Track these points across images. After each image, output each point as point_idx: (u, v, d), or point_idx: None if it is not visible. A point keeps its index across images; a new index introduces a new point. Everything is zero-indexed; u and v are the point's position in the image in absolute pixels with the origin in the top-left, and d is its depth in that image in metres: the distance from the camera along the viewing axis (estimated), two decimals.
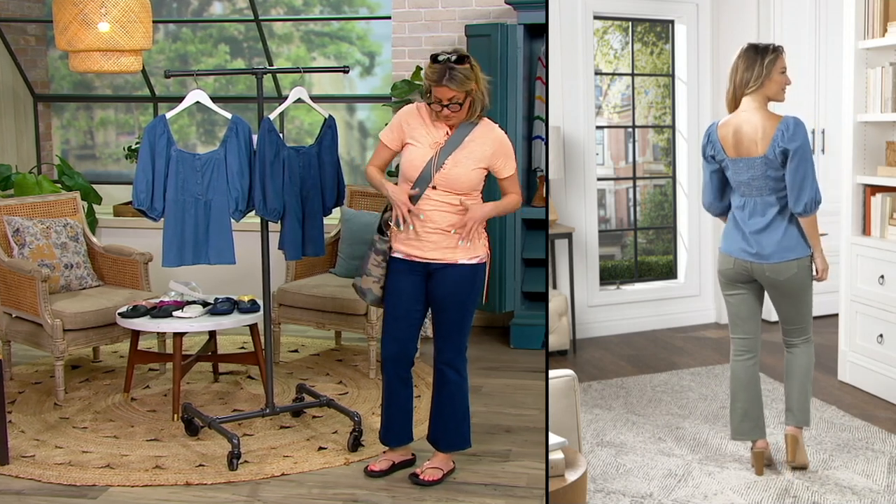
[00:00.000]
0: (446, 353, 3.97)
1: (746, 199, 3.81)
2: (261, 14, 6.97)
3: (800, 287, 3.81)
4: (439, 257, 3.87)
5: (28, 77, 7.44)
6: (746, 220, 3.81)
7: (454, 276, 3.87)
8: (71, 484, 4.06)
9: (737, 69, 3.76)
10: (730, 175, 3.84)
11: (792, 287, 3.80)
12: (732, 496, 3.77)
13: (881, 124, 4.61)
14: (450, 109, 3.75)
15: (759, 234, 3.79)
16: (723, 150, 3.80)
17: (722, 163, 3.84)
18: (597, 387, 4.90)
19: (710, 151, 3.86)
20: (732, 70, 3.78)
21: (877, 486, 3.80)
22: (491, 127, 3.88)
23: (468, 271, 3.88)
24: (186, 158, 4.25)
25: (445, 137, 3.84)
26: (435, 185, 3.82)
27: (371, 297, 4.02)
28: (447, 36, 6.36)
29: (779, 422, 4.24)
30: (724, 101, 3.85)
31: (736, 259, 3.85)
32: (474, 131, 3.84)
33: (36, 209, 5.55)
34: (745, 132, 3.75)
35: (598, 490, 3.82)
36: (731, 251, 3.86)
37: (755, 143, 3.74)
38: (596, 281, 5.70)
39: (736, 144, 3.77)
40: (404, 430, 4.12)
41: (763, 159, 3.72)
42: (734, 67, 3.77)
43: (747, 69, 3.73)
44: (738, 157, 3.78)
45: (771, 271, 3.79)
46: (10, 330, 5.28)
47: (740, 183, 3.81)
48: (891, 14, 4.47)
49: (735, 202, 3.87)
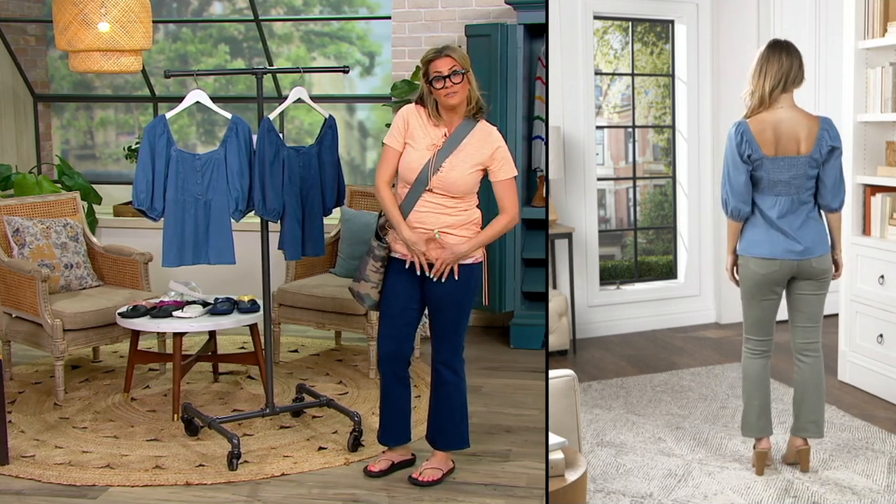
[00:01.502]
0: (443, 353, 3.97)
1: (778, 199, 3.75)
2: (261, 14, 6.97)
3: (828, 280, 3.88)
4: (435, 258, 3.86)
5: (28, 77, 7.44)
6: (783, 219, 3.76)
7: (449, 276, 3.87)
8: (71, 484, 4.06)
9: (769, 66, 3.69)
10: (763, 174, 3.74)
11: (826, 279, 3.85)
12: (732, 496, 3.77)
13: (881, 124, 4.61)
14: (452, 80, 3.74)
15: (801, 230, 3.77)
16: (760, 148, 3.72)
17: (756, 162, 3.73)
18: (597, 387, 4.90)
19: (747, 151, 3.72)
20: (763, 67, 3.71)
21: (877, 486, 3.80)
22: (489, 129, 3.88)
23: (464, 271, 3.87)
24: (186, 158, 4.25)
25: (443, 139, 3.84)
26: (431, 188, 3.82)
27: (369, 302, 4.02)
28: (447, 36, 6.36)
29: (778, 422, 4.24)
30: (748, 99, 3.76)
31: (782, 261, 3.78)
32: (473, 133, 3.84)
33: (36, 209, 5.55)
34: (785, 131, 3.70)
35: (598, 490, 3.82)
36: (776, 254, 3.78)
37: (797, 141, 3.70)
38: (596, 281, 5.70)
39: (775, 143, 3.71)
40: (402, 430, 4.12)
41: (808, 158, 3.70)
42: (766, 64, 3.70)
43: (783, 66, 3.68)
44: (778, 155, 3.71)
45: (817, 263, 3.80)
46: (10, 330, 5.28)
47: (777, 182, 3.74)
48: (891, 14, 4.47)
49: (766, 203, 3.77)
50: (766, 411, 3.97)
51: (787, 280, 3.85)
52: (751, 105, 3.76)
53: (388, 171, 3.91)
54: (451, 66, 3.75)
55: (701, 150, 5.83)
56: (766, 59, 3.72)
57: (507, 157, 3.88)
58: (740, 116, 3.82)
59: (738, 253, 3.88)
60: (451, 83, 3.75)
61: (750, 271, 3.85)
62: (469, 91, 3.81)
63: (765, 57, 3.73)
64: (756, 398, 3.96)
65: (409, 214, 3.86)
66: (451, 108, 3.82)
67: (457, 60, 3.76)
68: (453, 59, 3.76)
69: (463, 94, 3.79)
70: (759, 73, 3.73)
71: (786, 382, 4.60)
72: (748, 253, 3.83)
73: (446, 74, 3.75)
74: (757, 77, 3.73)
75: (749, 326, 3.95)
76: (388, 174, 3.92)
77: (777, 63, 3.70)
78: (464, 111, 3.84)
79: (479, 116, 3.87)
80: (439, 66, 3.76)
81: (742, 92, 3.83)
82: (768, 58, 3.72)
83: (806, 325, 3.91)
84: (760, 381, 3.96)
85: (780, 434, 4.12)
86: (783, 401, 4.42)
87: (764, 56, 3.73)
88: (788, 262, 3.79)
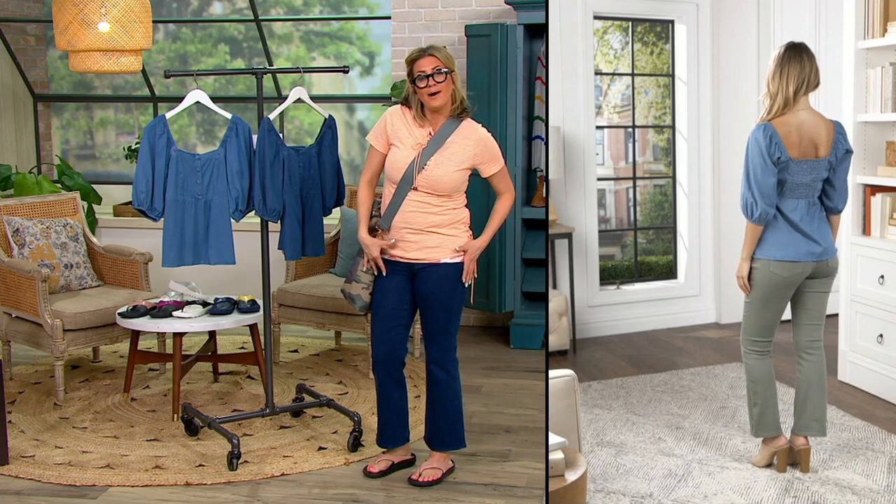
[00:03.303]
0: (434, 353, 3.98)
1: (799, 202, 3.77)
2: (261, 14, 6.97)
3: (834, 278, 3.94)
4: (422, 257, 3.87)
5: (28, 77, 7.44)
6: (803, 221, 3.78)
7: (438, 275, 3.87)
8: (71, 484, 4.06)
9: (791, 68, 3.69)
10: (788, 177, 3.73)
11: (833, 277, 3.92)
12: (732, 496, 3.77)
13: (881, 124, 4.61)
14: (435, 80, 3.76)
15: (819, 232, 3.81)
16: (787, 151, 3.71)
17: (781, 165, 3.72)
18: (597, 387, 4.90)
19: (777, 153, 3.69)
20: (784, 69, 3.70)
21: (877, 486, 3.80)
22: (474, 127, 3.89)
23: (452, 270, 3.88)
24: (186, 158, 4.25)
25: (428, 138, 3.85)
26: (416, 187, 3.83)
27: (360, 304, 4.02)
28: (447, 36, 6.36)
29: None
30: (767, 101, 3.75)
31: (805, 263, 3.80)
32: (457, 131, 3.85)
33: (36, 209, 5.55)
34: (806, 133, 3.71)
35: (598, 490, 3.82)
36: (799, 256, 3.79)
37: (816, 144, 3.72)
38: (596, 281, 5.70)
39: (798, 145, 3.71)
40: (401, 431, 4.13)
41: (826, 161, 3.73)
42: (787, 66, 3.69)
43: (805, 68, 3.69)
44: (801, 158, 3.72)
45: (833, 263, 3.86)
46: (10, 330, 5.28)
47: (799, 185, 3.75)
48: (891, 14, 4.47)
49: (788, 206, 3.77)
50: (775, 411, 3.99)
51: (802, 282, 3.87)
52: (772, 107, 3.75)
53: (369, 171, 4.00)
54: (434, 65, 3.76)
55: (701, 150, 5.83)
56: (787, 61, 3.71)
57: (495, 151, 3.91)
58: (741, 116, 3.82)
59: (757, 257, 3.83)
60: (433, 82, 3.76)
61: (771, 275, 3.82)
62: (453, 91, 3.82)
63: (785, 59, 3.72)
64: (770, 397, 3.96)
65: (396, 214, 3.87)
66: (435, 109, 3.84)
67: (440, 60, 3.77)
68: (437, 59, 3.77)
69: (447, 94, 3.80)
70: (779, 75, 3.71)
71: (785, 382, 4.60)
72: (770, 256, 3.81)
73: (429, 73, 3.75)
74: (778, 79, 3.72)
75: (759, 329, 3.93)
76: (370, 173, 3.99)
77: (798, 65, 3.70)
78: (448, 111, 3.85)
79: (464, 116, 3.88)
80: (423, 66, 3.77)
81: (759, 94, 3.84)
82: (789, 60, 3.71)
83: (811, 323, 3.94)
84: (771, 380, 3.98)
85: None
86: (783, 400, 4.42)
87: (784, 58, 3.72)
88: (810, 263, 3.82)
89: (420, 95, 3.81)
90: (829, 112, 3.91)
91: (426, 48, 3.81)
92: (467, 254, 3.88)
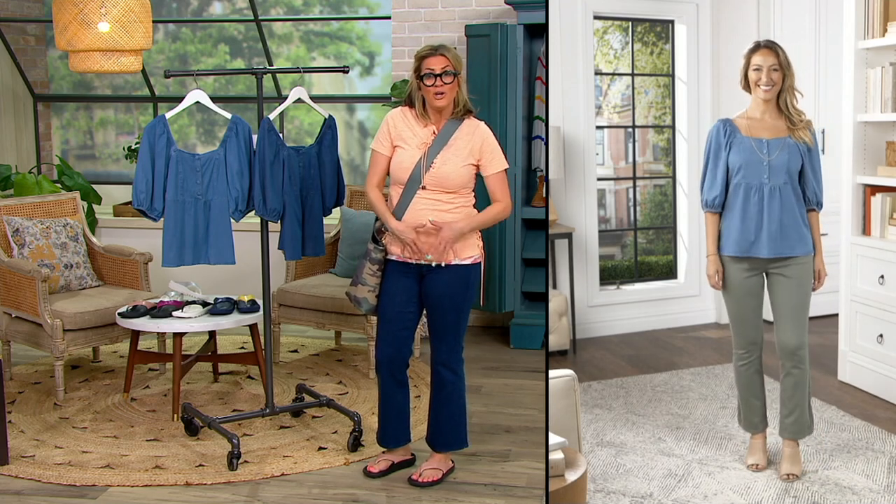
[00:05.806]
0: (442, 354, 3.97)
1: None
2: (261, 14, 6.97)
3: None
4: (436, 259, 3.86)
5: (28, 77, 7.44)
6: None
7: (448, 276, 3.87)
8: (71, 484, 4.06)
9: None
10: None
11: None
12: (732, 496, 3.77)
13: (881, 124, 4.61)
14: (443, 80, 3.75)
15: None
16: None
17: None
18: (597, 387, 4.90)
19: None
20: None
21: (877, 486, 3.80)
22: (476, 124, 3.89)
23: (462, 271, 3.88)
24: (186, 158, 4.25)
25: (432, 137, 3.85)
26: (425, 186, 3.82)
27: (366, 307, 4.01)
28: (447, 36, 6.36)
29: (777, 422, 4.24)
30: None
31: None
32: (461, 128, 3.85)
33: (36, 209, 5.55)
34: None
35: (598, 490, 3.82)
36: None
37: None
38: (596, 281, 5.69)
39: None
40: (402, 432, 4.12)
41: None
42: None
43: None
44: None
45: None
46: (10, 330, 5.28)
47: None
48: (891, 14, 4.47)
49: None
50: (760, 411, 4.07)
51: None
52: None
53: (376, 176, 3.95)
54: (444, 65, 3.76)
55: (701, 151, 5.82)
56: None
57: (497, 149, 3.89)
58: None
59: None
60: (441, 83, 3.76)
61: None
62: (457, 94, 3.82)
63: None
64: (754, 399, 4.04)
65: (404, 214, 3.85)
66: (438, 109, 3.84)
67: (450, 61, 3.77)
68: (447, 59, 3.77)
69: (451, 95, 3.80)
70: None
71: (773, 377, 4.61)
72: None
73: (438, 73, 3.76)
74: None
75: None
76: (377, 178, 3.95)
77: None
78: (450, 112, 3.85)
79: (467, 117, 3.88)
80: (432, 64, 3.77)
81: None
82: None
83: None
84: (753, 388, 4.06)
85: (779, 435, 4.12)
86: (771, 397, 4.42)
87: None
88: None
89: (425, 92, 3.81)
90: (829, 112, 3.92)
91: (437, 47, 3.80)
92: (442, 230, 3.78)
